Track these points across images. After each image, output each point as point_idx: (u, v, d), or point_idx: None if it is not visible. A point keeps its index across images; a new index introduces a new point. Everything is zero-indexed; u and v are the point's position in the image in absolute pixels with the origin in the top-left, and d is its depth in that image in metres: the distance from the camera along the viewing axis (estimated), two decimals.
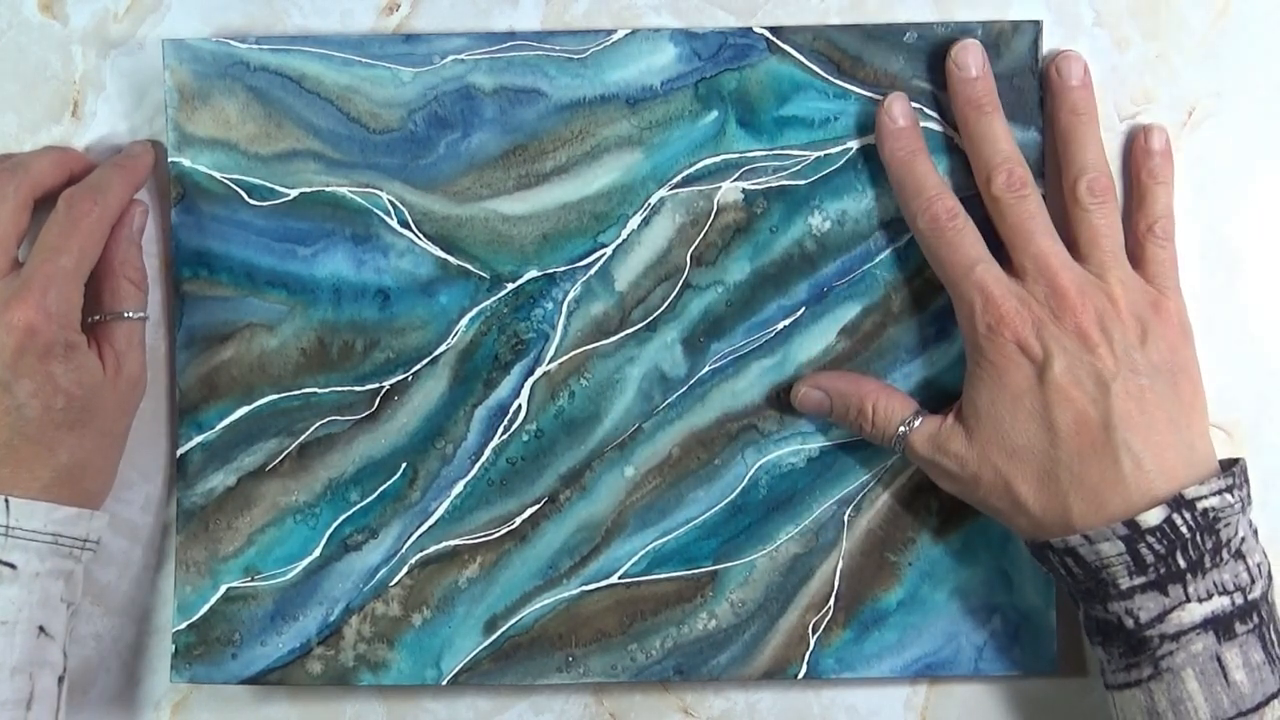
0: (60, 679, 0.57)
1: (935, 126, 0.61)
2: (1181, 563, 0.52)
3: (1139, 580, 0.52)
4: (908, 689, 0.62)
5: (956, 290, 0.57)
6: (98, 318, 0.60)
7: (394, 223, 0.61)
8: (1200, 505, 0.52)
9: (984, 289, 0.55)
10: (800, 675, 0.60)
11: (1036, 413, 0.54)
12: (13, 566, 0.55)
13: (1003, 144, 0.58)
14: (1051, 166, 0.60)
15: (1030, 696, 0.61)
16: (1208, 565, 0.52)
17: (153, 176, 0.62)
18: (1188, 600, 0.52)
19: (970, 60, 0.58)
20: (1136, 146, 0.60)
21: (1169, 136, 0.60)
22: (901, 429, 0.57)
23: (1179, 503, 0.52)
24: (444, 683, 0.60)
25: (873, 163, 0.61)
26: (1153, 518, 0.52)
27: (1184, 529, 0.52)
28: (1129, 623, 0.53)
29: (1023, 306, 0.55)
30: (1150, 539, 0.52)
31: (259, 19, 0.63)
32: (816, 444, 0.61)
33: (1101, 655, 0.55)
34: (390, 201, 0.61)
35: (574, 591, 0.61)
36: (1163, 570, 0.52)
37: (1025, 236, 0.56)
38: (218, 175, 0.61)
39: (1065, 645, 0.61)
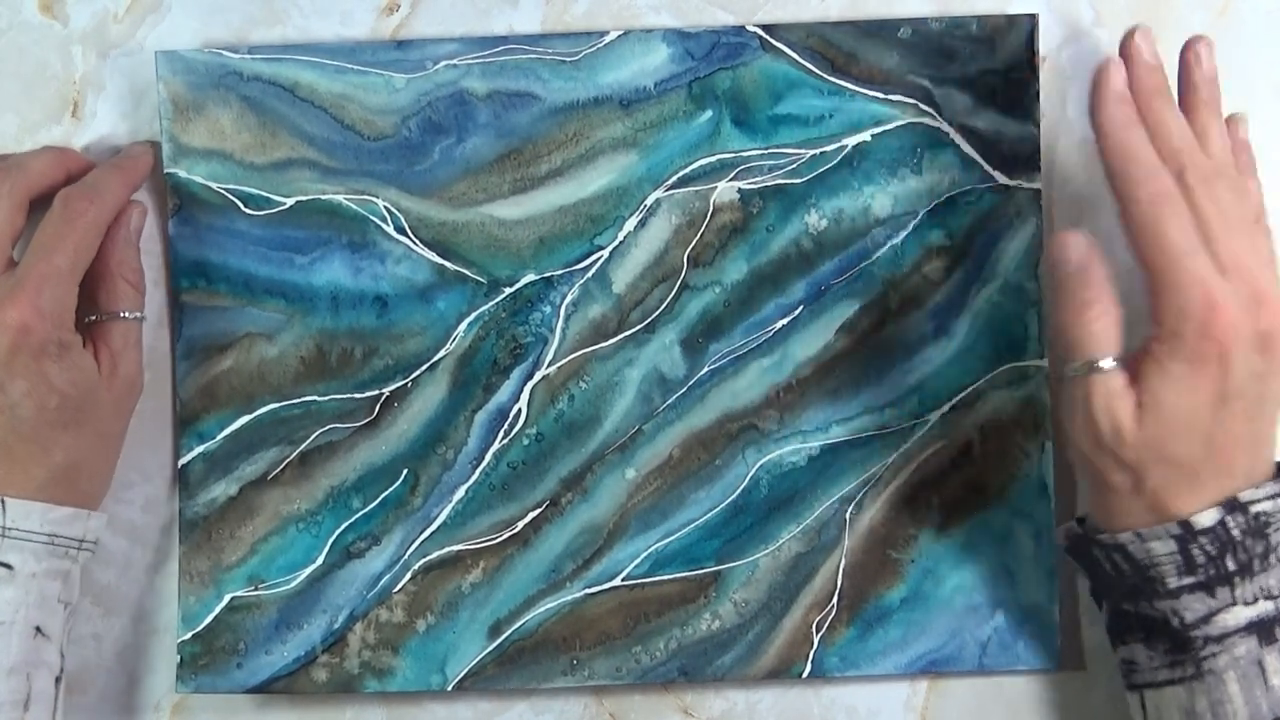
0: (58, 679, 0.57)
1: (931, 122, 0.60)
2: (1230, 565, 0.52)
3: (1187, 581, 0.52)
4: (907, 689, 0.62)
5: (1166, 276, 0.51)
6: (94, 318, 0.60)
7: (390, 229, 0.61)
8: (1253, 509, 0.52)
9: (1205, 285, 0.51)
10: (804, 674, 0.60)
11: (1206, 429, 0.52)
12: (9, 567, 0.55)
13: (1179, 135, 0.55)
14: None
15: (1029, 695, 0.62)
16: (1256, 569, 0.52)
17: (153, 178, 0.62)
18: (1234, 603, 0.52)
19: (1146, 47, 0.55)
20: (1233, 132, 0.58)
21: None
22: (1094, 359, 0.53)
23: (1233, 505, 0.51)
24: (449, 688, 0.61)
25: (868, 160, 0.61)
26: (1207, 519, 0.51)
27: (1235, 531, 0.51)
28: (1174, 622, 0.52)
29: (1241, 315, 0.51)
30: (1202, 540, 0.51)
31: (258, 19, 0.63)
32: (817, 442, 0.61)
33: (1141, 653, 0.54)
34: (386, 208, 0.61)
35: (577, 594, 0.61)
36: (1212, 572, 0.52)
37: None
38: (214, 185, 0.61)
39: (1067, 641, 0.61)
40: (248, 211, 0.61)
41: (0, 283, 0.56)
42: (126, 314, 0.60)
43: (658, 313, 0.61)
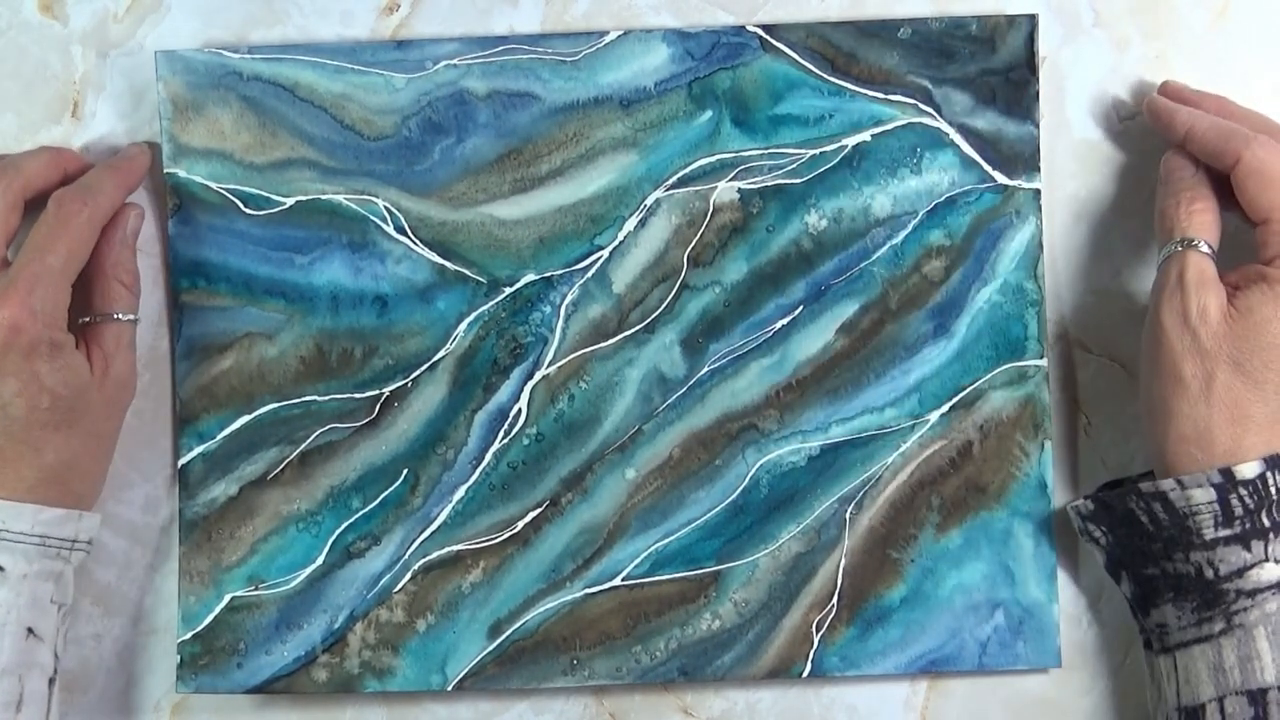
0: (51, 680, 0.57)
1: (931, 122, 0.60)
2: (1266, 522, 0.53)
3: (1224, 533, 0.53)
4: (907, 689, 0.62)
5: None
6: (88, 319, 0.60)
7: (390, 229, 0.61)
8: None
9: None
10: (805, 674, 0.60)
11: None
12: (0, 569, 0.55)
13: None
14: None
15: (1029, 694, 0.62)
16: None
17: (153, 178, 0.62)
18: (1267, 560, 0.53)
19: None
20: None
21: None
22: (1192, 241, 0.55)
23: (1276, 461, 0.53)
24: (449, 688, 0.61)
25: (868, 160, 0.61)
26: (1249, 470, 0.53)
27: (1273, 489, 0.53)
28: (1209, 573, 0.53)
29: None
30: (1242, 491, 0.53)
31: (259, 19, 0.63)
32: (817, 442, 0.61)
33: (1171, 613, 0.55)
34: (386, 208, 0.61)
35: (577, 594, 0.61)
36: (1248, 525, 0.53)
37: None
38: (213, 185, 0.61)
39: (1067, 640, 0.61)
40: (248, 211, 0.61)
41: None
42: (120, 316, 0.60)
43: (658, 313, 0.61)
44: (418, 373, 0.61)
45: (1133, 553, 0.56)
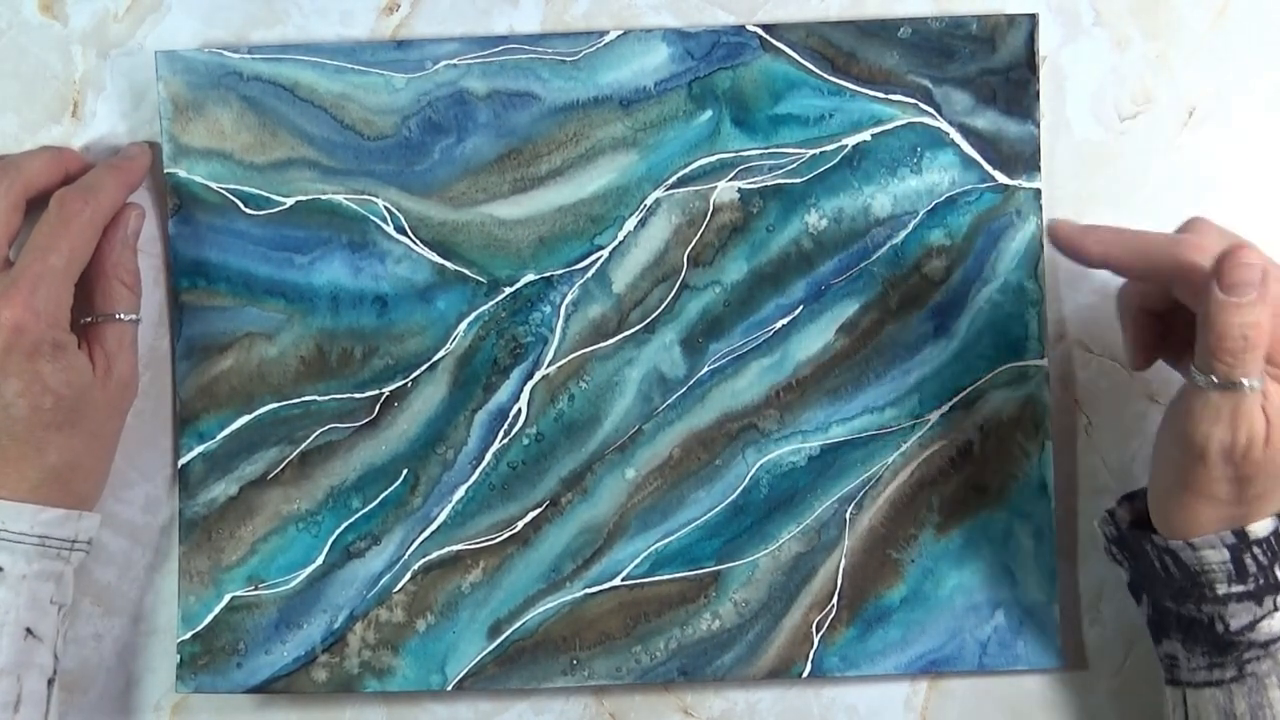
0: (50, 681, 0.57)
1: (931, 122, 0.60)
2: (1279, 575, 0.52)
3: (1237, 589, 0.53)
4: (908, 688, 0.62)
5: None
6: (90, 319, 0.60)
7: (390, 229, 0.61)
8: None
9: None
10: (804, 674, 0.60)
11: None
12: None
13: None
14: None
15: (1029, 694, 0.62)
16: None
17: (153, 178, 0.62)
18: (1277, 610, 0.52)
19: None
20: None
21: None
22: (1248, 384, 0.51)
23: None
24: (449, 688, 0.61)
25: (868, 160, 0.61)
26: (1262, 529, 0.52)
27: None
28: (1219, 627, 0.53)
29: None
30: (1256, 550, 0.52)
31: (258, 19, 0.63)
32: (817, 442, 0.61)
33: (1180, 651, 0.55)
34: (386, 208, 0.61)
35: (577, 594, 0.61)
36: (1261, 581, 0.52)
37: None
38: (214, 185, 0.61)
39: (1067, 640, 0.61)
40: (248, 211, 0.61)
41: None
42: (122, 316, 0.60)
43: (658, 312, 0.61)
44: (418, 373, 0.61)
45: (1150, 583, 0.56)
